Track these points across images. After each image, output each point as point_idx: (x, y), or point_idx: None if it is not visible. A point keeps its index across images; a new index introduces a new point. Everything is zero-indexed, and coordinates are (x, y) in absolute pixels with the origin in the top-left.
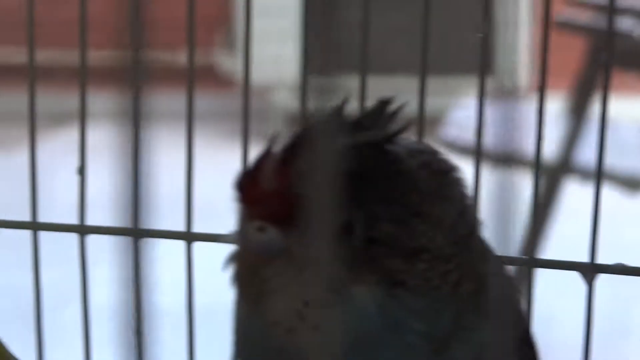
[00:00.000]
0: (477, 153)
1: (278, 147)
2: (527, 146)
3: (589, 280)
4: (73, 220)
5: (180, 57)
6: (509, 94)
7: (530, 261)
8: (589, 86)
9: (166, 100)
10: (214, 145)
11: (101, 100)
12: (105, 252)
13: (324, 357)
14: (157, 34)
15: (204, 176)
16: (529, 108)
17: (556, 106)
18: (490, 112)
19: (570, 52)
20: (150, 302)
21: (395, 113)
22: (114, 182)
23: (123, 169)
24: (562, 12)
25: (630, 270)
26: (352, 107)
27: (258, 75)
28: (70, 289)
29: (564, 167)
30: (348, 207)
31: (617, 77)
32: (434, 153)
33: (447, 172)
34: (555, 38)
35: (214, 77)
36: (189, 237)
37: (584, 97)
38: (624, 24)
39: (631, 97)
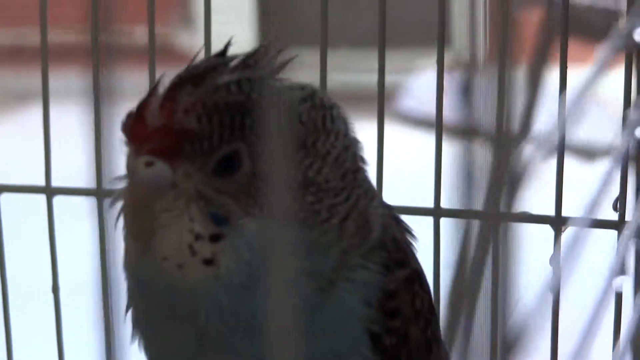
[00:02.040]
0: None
1: (163, 87)
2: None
3: (557, 232)
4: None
5: (137, 35)
6: (466, 66)
7: (497, 215)
8: (544, 56)
9: (127, 78)
10: None
11: (65, 78)
12: None
13: (215, 292)
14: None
15: None
16: (487, 79)
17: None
18: (447, 84)
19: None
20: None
21: (277, 54)
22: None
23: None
24: None
25: (594, 222)
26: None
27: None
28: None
29: (521, 136)
30: (232, 140)
31: (573, 47)
32: (314, 89)
33: (330, 108)
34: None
35: (171, 54)
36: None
37: (539, 67)
38: None
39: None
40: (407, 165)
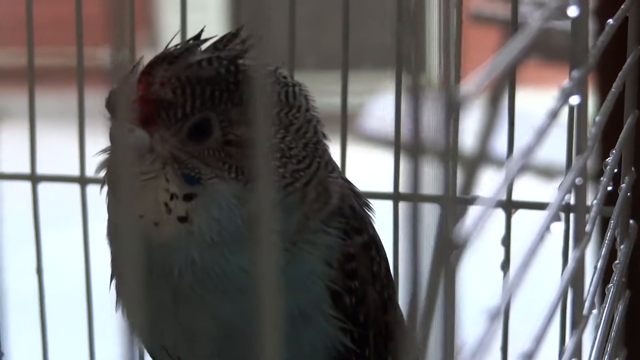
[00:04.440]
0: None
1: (141, 66)
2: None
3: (508, 215)
4: None
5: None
6: (424, 89)
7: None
8: (504, 79)
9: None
10: None
11: None
12: None
13: (188, 248)
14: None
15: None
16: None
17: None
18: (406, 106)
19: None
20: None
21: (245, 40)
22: None
23: None
24: (476, 4)
25: (540, 205)
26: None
27: None
28: None
29: (481, 157)
30: (204, 109)
31: (539, 70)
32: (277, 67)
33: (292, 85)
34: (472, 31)
35: None
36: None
37: (499, 90)
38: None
39: (552, 90)
40: (369, 184)
